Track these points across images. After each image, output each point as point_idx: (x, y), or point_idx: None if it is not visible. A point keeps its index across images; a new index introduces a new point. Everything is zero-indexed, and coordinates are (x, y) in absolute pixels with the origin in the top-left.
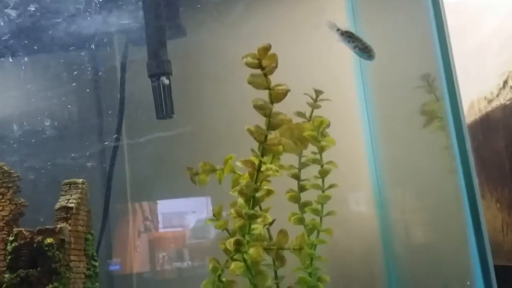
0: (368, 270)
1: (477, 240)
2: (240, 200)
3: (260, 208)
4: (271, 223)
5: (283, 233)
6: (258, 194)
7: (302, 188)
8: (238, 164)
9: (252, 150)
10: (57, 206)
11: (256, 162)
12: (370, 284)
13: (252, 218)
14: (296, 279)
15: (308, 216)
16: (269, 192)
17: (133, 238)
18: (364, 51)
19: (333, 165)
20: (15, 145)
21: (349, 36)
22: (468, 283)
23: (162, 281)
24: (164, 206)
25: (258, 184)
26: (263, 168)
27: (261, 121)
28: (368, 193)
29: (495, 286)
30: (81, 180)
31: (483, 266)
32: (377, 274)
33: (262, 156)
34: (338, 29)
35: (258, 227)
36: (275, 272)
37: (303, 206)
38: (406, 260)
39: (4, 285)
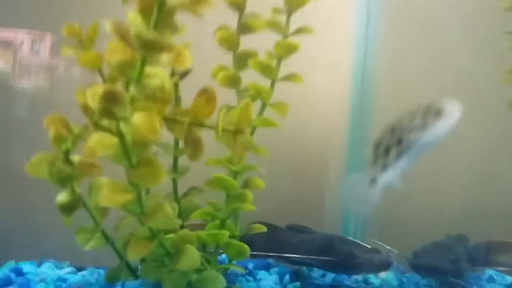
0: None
1: None
2: (135, 16)
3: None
4: (185, 74)
5: (207, 94)
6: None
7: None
8: None
9: None
10: None
11: None
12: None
13: (151, 48)
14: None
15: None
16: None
17: None
18: None
19: None
20: None
21: None
22: None
23: None
24: None
25: None
26: None
27: None
28: (346, 53)
29: None
30: None
31: None
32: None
33: None
34: None
35: (159, 74)
36: (175, 160)
37: (242, 57)
38: None
39: None
